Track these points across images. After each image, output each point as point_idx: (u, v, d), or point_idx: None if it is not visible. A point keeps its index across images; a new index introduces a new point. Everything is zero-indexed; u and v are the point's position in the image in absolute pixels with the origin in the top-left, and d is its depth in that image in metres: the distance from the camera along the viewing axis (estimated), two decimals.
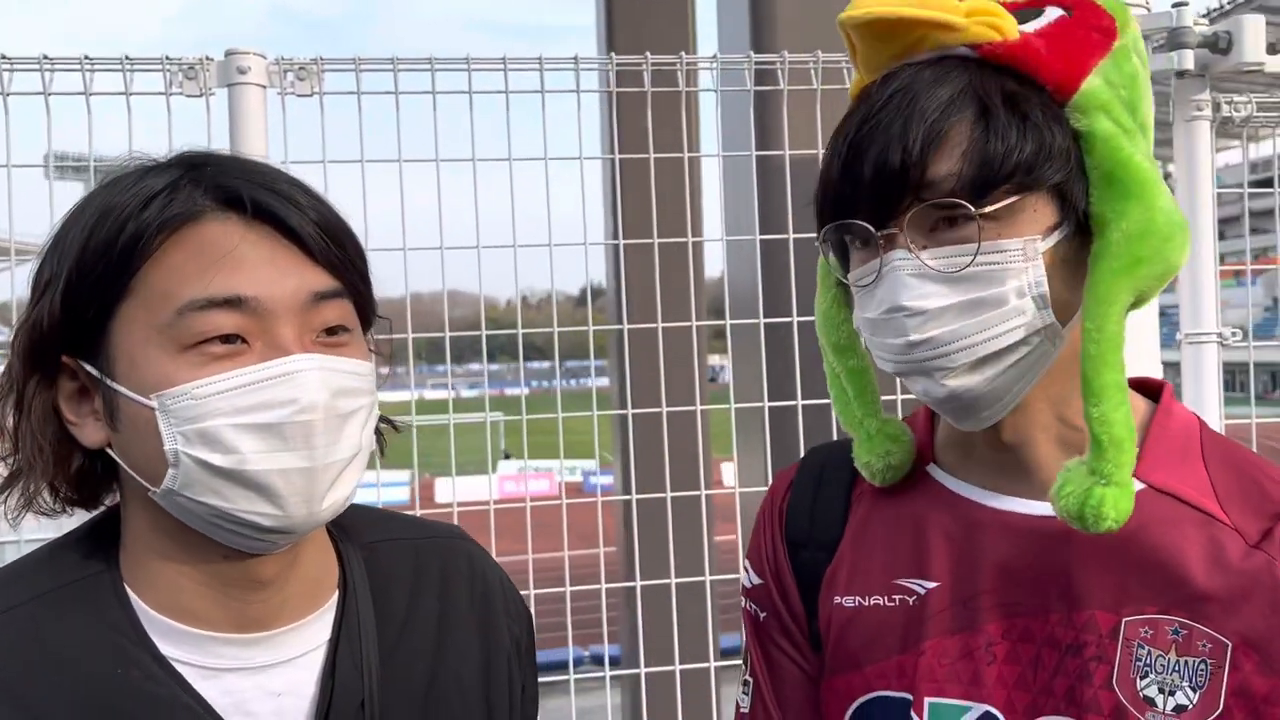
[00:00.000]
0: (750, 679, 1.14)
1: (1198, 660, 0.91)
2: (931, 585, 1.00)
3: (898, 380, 1.00)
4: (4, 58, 1.78)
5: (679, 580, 2.08)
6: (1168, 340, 2.16)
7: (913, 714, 0.98)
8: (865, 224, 0.90)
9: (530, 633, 1.15)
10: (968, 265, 0.88)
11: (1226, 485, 0.95)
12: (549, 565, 2.12)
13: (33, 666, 0.85)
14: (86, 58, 1.81)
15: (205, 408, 0.83)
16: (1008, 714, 0.95)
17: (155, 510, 0.89)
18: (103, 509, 0.97)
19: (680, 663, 2.01)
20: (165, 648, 0.89)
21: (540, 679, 1.18)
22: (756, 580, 1.15)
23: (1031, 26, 0.92)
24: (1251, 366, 2.27)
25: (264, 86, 1.88)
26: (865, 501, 1.09)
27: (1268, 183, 2.43)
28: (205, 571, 0.90)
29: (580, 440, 2.22)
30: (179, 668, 0.89)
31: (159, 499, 0.87)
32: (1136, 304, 0.93)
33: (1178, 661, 0.91)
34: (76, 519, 0.98)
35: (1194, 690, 0.90)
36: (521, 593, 1.18)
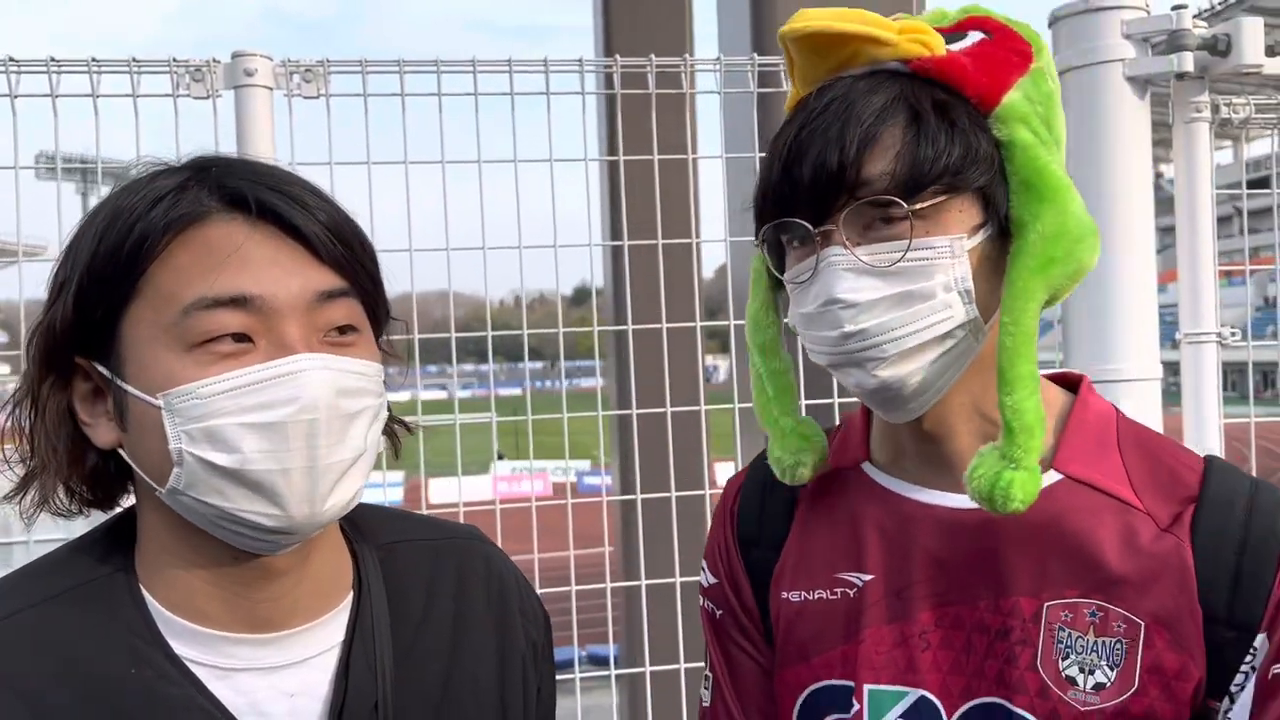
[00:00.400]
0: (710, 674, 1.19)
1: (1114, 640, 0.96)
2: (868, 578, 1.06)
3: (835, 385, 1.05)
4: (11, 60, 1.79)
5: (683, 580, 2.10)
6: (1166, 338, 2.18)
7: (854, 701, 1.03)
8: (803, 222, 0.95)
9: (547, 634, 1.15)
10: (899, 260, 0.93)
11: (1140, 472, 1.00)
12: (546, 565, 2.12)
13: (47, 667, 0.86)
14: (94, 59, 1.82)
15: (209, 407, 0.83)
16: (942, 698, 1.00)
17: (166, 510, 0.90)
18: (119, 510, 0.97)
19: (685, 661, 2.03)
20: (179, 648, 0.89)
21: None
22: (713, 580, 1.20)
23: (957, 46, 0.99)
24: (1250, 366, 2.28)
25: (270, 88, 1.89)
26: (807, 501, 1.14)
27: (1259, 183, 2.45)
28: (215, 572, 0.90)
29: (575, 441, 2.23)
30: (193, 668, 0.89)
31: (166, 499, 0.88)
32: (1050, 301, 0.98)
33: (1096, 642, 0.97)
34: (89, 522, 0.98)
35: (1111, 668, 0.96)
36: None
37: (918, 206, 0.93)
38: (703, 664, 1.25)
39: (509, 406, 2.24)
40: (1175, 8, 1.97)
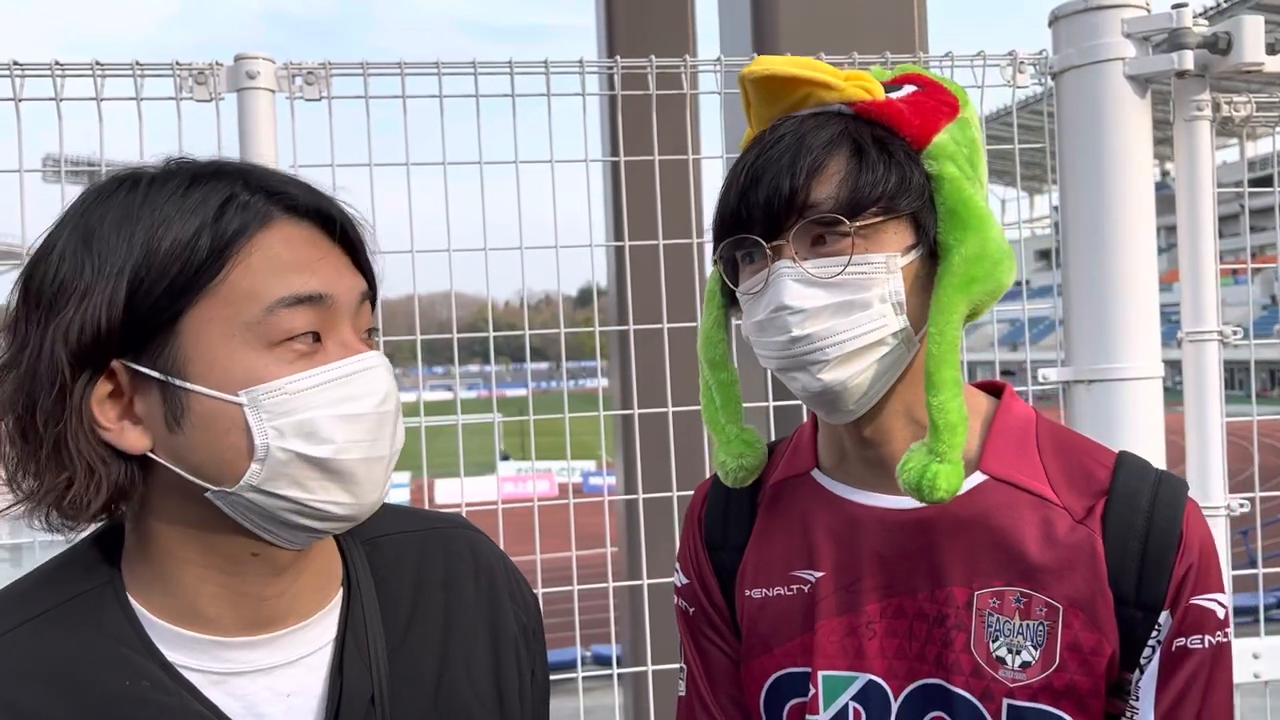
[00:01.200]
0: (685, 667, 1.30)
1: (1037, 623, 1.08)
2: (819, 574, 1.17)
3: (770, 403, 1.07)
4: (16, 64, 1.80)
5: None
6: (1170, 337, 2.18)
7: (810, 686, 1.14)
8: (758, 238, 1.07)
9: (538, 619, 1.17)
10: (840, 272, 1.05)
11: (1057, 470, 1.12)
12: (549, 566, 2.13)
13: (39, 686, 0.85)
14: (97, 63, 1.83)
15: (299, 401, 0.86)
16: (888, 680, 1.11)
17: (188, 513, 0.89)
18: (102, 524, 0.95)
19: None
20: (172, 655, 0.89)
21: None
22: (685, 580, 1.31)
23: (895, 95, 1.12)
24: (1253, 365, 2.28)
25: (273, 91, 1.90)
26: (765, 506, 1.25)
27: (1263, 181, 2.45)
28: (227, 573, 0.91)
29: (581, 442, 2.24)
30: (187, 675, 0.89)
31: (215, 498, 0.87)
32: (972, 315, 1.12)
33: (1021, 625, 1.08)
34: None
35: (1035, 648, 1.08)
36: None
37: (859, 224, 1.05)
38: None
39: (515, 407, 2.25)
40: (1175, 6, 1.98)
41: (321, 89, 1.90)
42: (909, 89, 1.13)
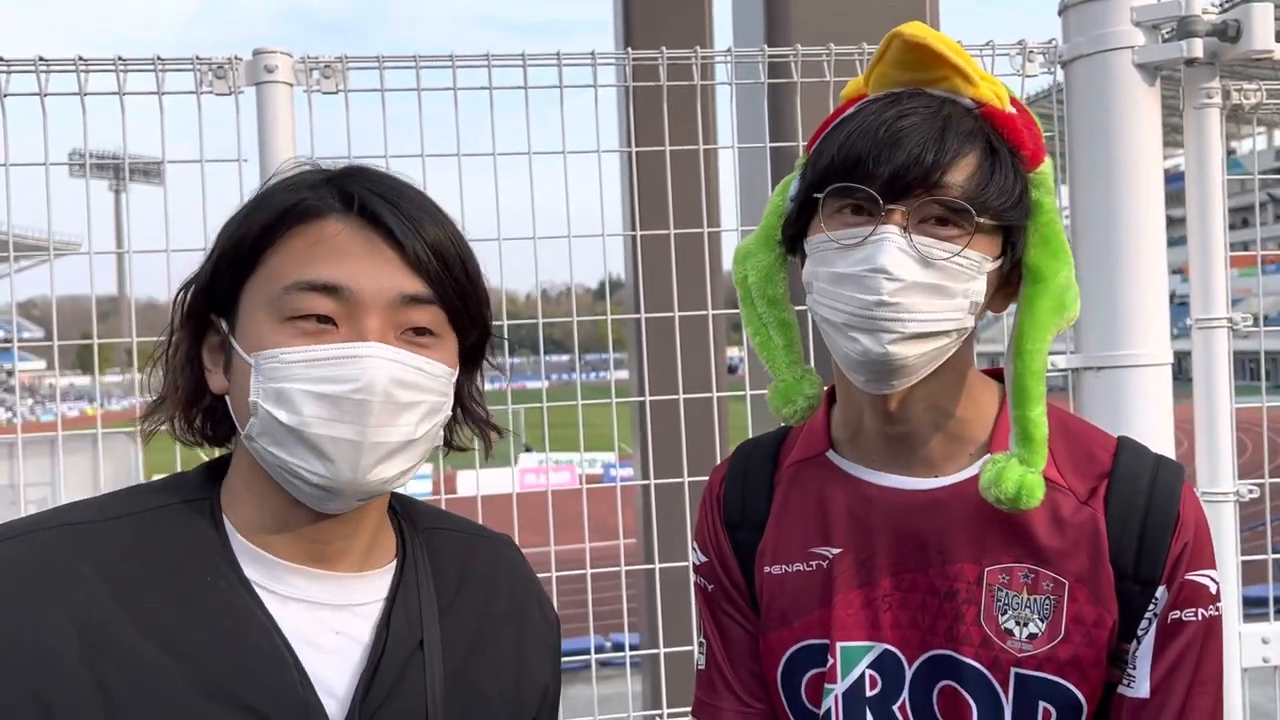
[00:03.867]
0: (704, 641, 1.35)
1: (1044, 597, 1.14)
2: (836, 551, 1.21)
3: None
4: (41, 59, 1.85)
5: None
6: (1183, 328, 2.19)
7: (829, 657, 1.19)
8: (876, 195, 1.06)
9: (558, 637, 1.26)
10: (947, 259, 1.06)
11: (1062, 454, 1.17)
12: (569, 556, 2.16)
13: (136, 565, 0.98)
14: (120, 58, 1.87)
15: (285, 372, 0.97)
16: (902, 650, 1.17)
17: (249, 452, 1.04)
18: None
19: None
20: (247, 569, 1.02)
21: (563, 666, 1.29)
22: (703, 559, 1.35)
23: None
24: (1262, 355, 2.28)
25: (290, 85, 1.94)
26: (783, 486, 1.29)
27: None
28: (280, 510, 1.03)
29: (602, 434, 2.26)
30: (257, 590, 1.01)
31: (244, 441, 1.02)
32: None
33: (1029, 599, 1.14)
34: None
35: (1042, 621, 1.13)
36: (543, 580, 1.29)
37: (980, 221, 1.07)
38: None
39: (536, 399, 2.28)
40: None
41: (338, 82, 1.94)
42: (1008, 102, 1.13)
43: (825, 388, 1.28)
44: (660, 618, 2.18)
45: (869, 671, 1.17)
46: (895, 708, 1.16)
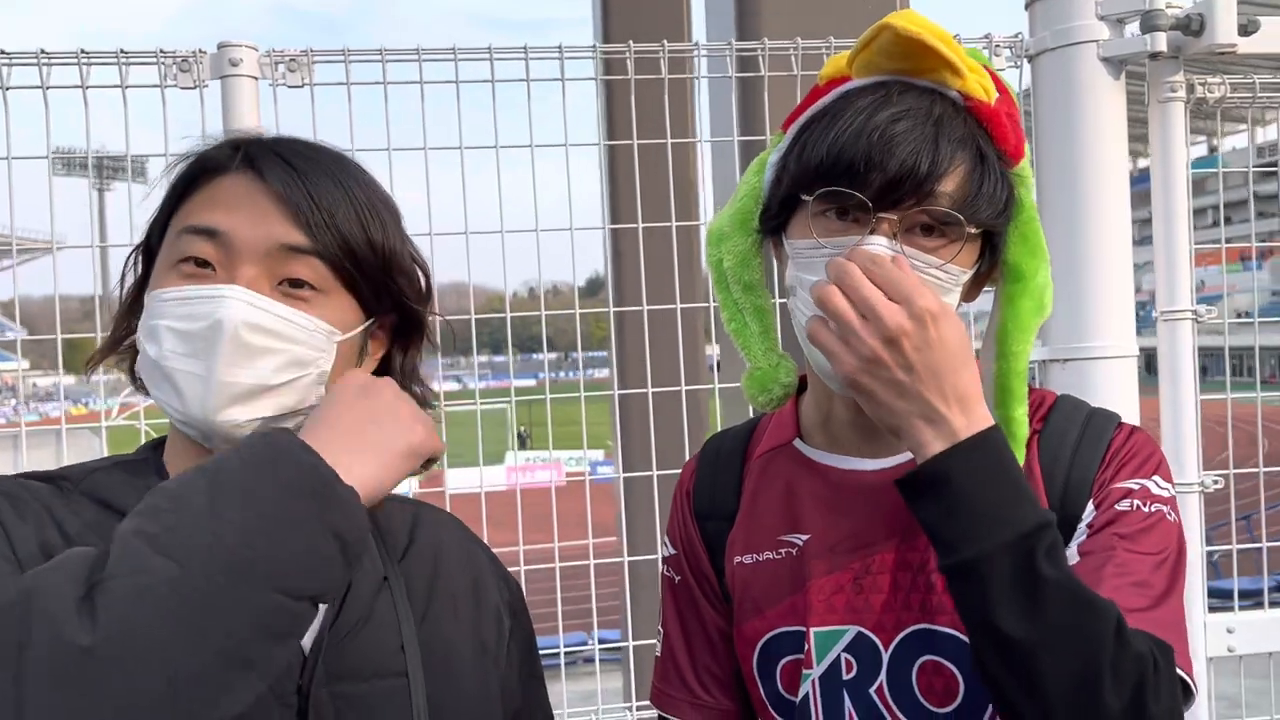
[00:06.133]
0: (662, 629, 1.36)
1: None
2: (805, 537, 1.21)
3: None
4: (2, 53, 1.83)
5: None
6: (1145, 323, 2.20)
7: (804, 643, 1.19)
8: (867, 202, 1.04)
9: (521, 599, 1.26)
10: (929, 271, 1.06)
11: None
12: (546, 555, 2.17)
13: (89, 507, 1.02)
14: (83, 51, 1.86)
15: (158, 309, 1.02)
16: (878, 632, 1.16)
17: None
18: None
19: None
20: None
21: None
22: (673, 551, 1.35)
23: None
24: (1257, 349, 2.30)
25: (256, 78, 1.93)
26: (753, 477, 1.30)
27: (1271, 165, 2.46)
28: (196, 453, 1.05)
29: (591, 432, 2.26)
30: None
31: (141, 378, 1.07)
32: None
33: None
34: None
35: None
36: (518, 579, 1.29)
37: (969, 231, 1.06)
38: None
39: (525, 396, 2.28)
40: None
41: (304, 76, 1.93)
42: (994, 91, 1.10)
43: (800, 373, 1.27)
44: (629, 612, 2.19)
45: (844, 655, 1.17)
46: (872, 690, 1.15)
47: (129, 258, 1.14)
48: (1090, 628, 0.95)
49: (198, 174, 1.07)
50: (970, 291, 1.16)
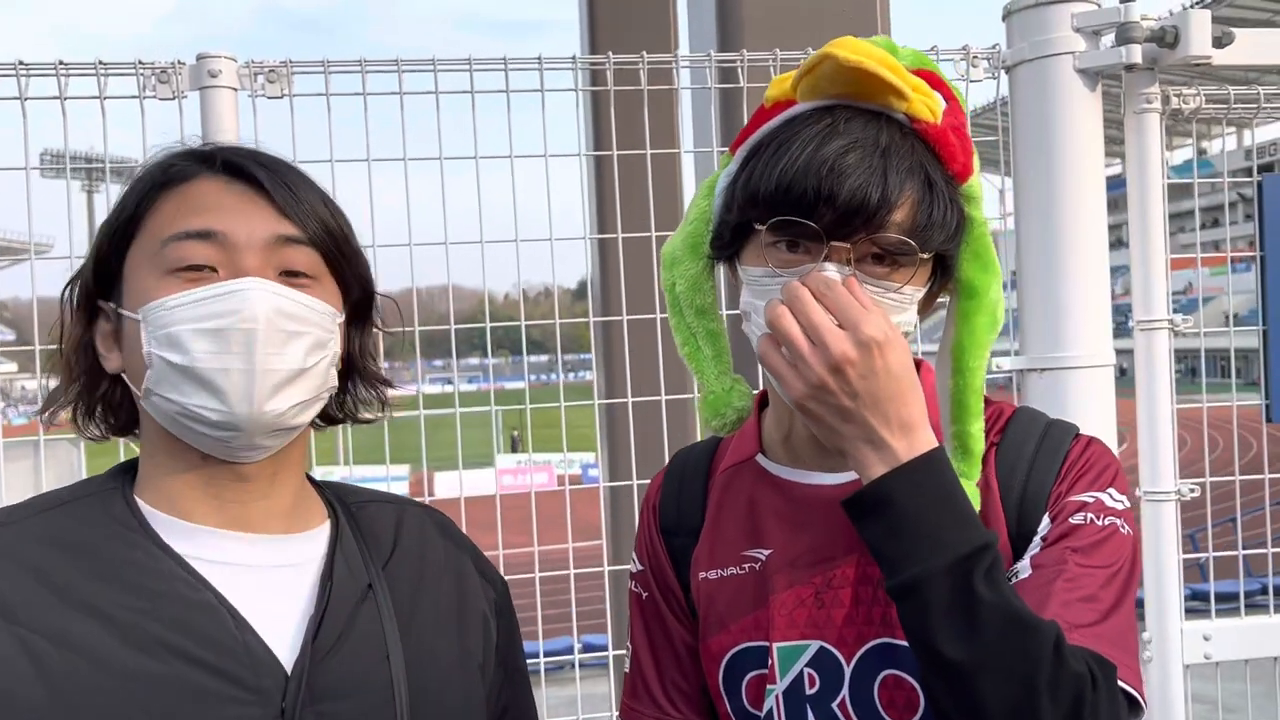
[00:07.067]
0: (631, 645, 1.37)
1: None
2: (768, 552, 1.22)
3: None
4: None
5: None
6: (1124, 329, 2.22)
7: (768, 658, 1.19)
8: (820, 231, 1.05)
9: (506, 597, 1.28)
10: (882, 295, 1.07)
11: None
12: (542, 557, 2.17)
13: (59, 551, 1.01)
14: (61, 63, 1.86)
15: (171, 317, 1.01)
16: (839, 647, 1.16)
17: (156, 424, 1.06)
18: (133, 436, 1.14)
19: None
20: (171, 542, 1.03)
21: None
22: (640, 567, 1.36)
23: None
24: (1232, 353, 2.32)
25: (235, 89, 1.94)
26: (716, 491, 1.30)
27: (1265, 169, 2.48)
28: (194, 473, 1.06)
29: (581, 435, 2.27)
30: (186, 559, 1.02)
31: (145, 404, 1.05)
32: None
33: None
34: None
35: None
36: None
37: (921, 257, 1.07)
38: None
39: (514, 400, 2.29)
40: (1123, 0, 2.01)
41: (283, 87, 1.94)
42: (940, 101, 1.10)
43: (755, 393, 1.28)
44: (609, 619, 2.19)
45: (807, 670, 1.17)
46: (835, 705, 1.16)
47: (64, 292, 1.11)
48: (1027, 648, 0.96)
49: (156, 188, 1.07)
50: (923, 307, 1.16)
